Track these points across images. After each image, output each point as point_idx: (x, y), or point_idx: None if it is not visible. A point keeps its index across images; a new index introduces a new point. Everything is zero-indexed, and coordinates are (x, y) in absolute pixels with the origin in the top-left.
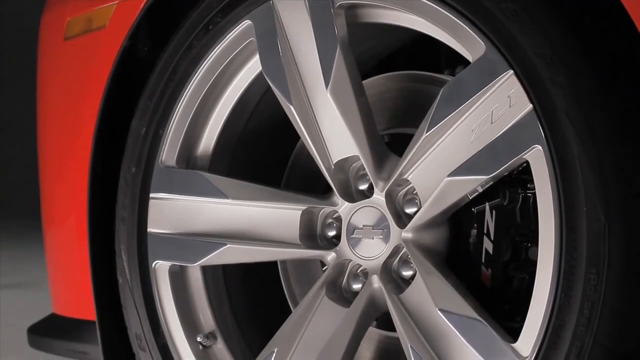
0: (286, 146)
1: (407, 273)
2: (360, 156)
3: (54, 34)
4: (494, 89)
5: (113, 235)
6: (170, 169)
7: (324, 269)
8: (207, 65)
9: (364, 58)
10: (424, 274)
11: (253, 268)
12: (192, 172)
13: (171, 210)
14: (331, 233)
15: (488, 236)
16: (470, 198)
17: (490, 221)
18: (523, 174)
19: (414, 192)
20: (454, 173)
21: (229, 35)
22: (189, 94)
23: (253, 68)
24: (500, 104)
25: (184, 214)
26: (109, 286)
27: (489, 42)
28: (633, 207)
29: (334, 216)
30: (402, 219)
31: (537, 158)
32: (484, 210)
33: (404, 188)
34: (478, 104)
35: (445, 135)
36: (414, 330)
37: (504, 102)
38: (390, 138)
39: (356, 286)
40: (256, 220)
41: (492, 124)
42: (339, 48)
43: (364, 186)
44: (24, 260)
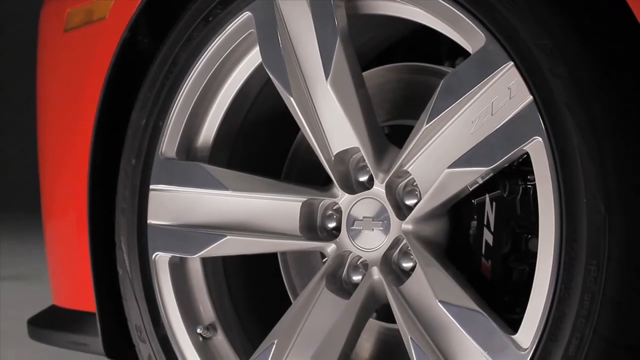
0: (286, 138)
1: (407, 265)
2: (360, 148)
3: (53, 26)
4: (494, 81)
5: (113, 227)
6: (170, 160)
7: (324, 260)
8: (207, 56)
9: (364, 50)
10: (424, 265)
11: (253, 260)
12: (192, 164)
13: (171, 202)
14: (331, 225)
15: (488, 228)
16: (471, 190)
17: (490, 213)
18: (523, 166)
19: (414, 184)
20: (454, 165)
21: (228, 27)
22: (189, 85)
23: (253, 60)
24: (501, 96)
25: (184, 206)
26: (109, 278)
27: (489, 34)
28: (633, 199)
29: (334, 208)
30: (402, 211)
31: (537, 149)
32: (484, 202)
33: (404, 180)
34: (478, 95)
35: (445, 127)
36: (414, 322)
37: (504, 94)
38: (390, 130)
39: (356, 278)
40: (256, 212)
41: (492, 115)
42: (339, 39)
43: (364, 178)
44: (24, 252)
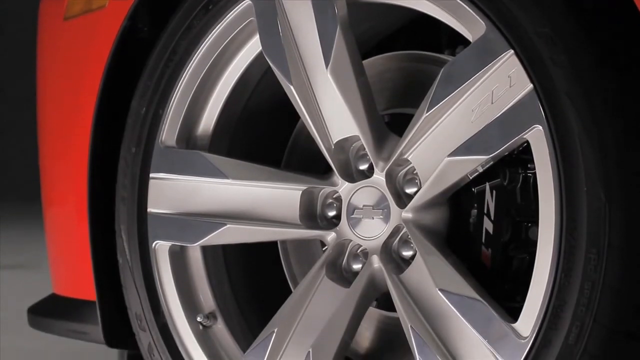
0: (286, 126)
1: (407, 253)
2: (361, 136)
3: (53, 14)
4: (494, 69)
5: (113, 216)
6: (170, 149)
7: (324, 249)
8: (207, 45)
9: (364, 38)
10: (424, 254)
11: (253, 248)
12: (192, 152)
13: (171, 190)
14: (331, 213)
15: (488, 216)
16: (471, 178)
17: (490, 201)
18: (523, 154)
19: (414, 172)
20: (454, 153)
21: (228, 15)
22: (189, 74)
23: (253, 48)
24: (501, 84)
25: (184, 194)
26: (109, 266)
27: (489, 22)
28: (633, 186)
29: (334, 196)
30: (402, 199)
31: (538, 138)
32: (484, 190)
33: (404, 168)
34: (478, 83)
35: (445, 115)
36: (414, 310)
37: (504, 82)
38: (390, 118)
39: (356, 266)
40: (256, 200)
41: (493, 103)
42: (339, 28)
43: (364, 166)
44: (24, 241)
